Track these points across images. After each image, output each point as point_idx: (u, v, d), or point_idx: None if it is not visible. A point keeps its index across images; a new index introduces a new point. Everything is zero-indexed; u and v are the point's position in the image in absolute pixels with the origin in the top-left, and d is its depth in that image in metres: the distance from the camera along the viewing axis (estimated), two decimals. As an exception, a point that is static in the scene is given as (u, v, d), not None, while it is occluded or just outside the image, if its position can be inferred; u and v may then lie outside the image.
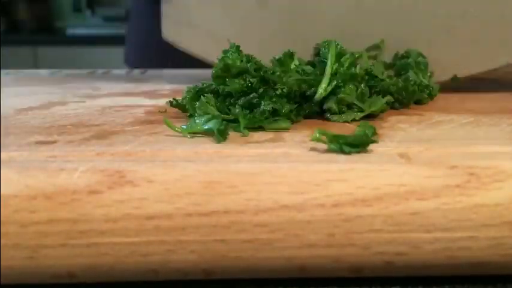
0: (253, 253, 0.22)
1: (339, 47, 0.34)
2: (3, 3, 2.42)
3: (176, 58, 0.52)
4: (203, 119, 0.29)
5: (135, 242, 0.22)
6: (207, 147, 0.26)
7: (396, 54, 0.40)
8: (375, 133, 0.27)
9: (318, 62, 0.35)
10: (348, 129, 0.30)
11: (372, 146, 0.26)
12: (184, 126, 0.29)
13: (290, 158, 0.24)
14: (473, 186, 0.23)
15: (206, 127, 0.28)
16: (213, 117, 0.29)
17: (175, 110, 0.34)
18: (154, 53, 0.70)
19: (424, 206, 0.22)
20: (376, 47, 0.40)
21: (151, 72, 0.58)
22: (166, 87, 0.47)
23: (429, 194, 0.22)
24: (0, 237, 0.22)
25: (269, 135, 0.28)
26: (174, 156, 0.25)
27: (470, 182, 0.23)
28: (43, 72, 0.59)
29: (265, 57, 0.34)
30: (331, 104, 0.32)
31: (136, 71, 0.59)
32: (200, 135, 0.28)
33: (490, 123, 0.31)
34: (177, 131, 0.29)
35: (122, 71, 0.59)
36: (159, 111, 0.34)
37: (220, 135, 0.27)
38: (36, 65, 2.28)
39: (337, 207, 0.22)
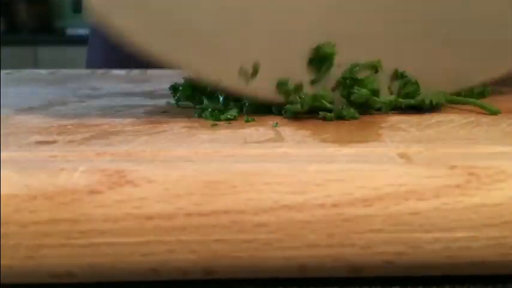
0: (253, 253, 0.22)
1: None
2: (3, 3, 2.42)
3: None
4: None
5: (135, 242, 0.22)
6: (207, 147, 0.26)
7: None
8: None
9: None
10: (344, 127, 0.30)
11: (372, 146, 0.26)
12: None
13: (290, 158, 0.24)
14: (474, 187, 0.23)
15: None
16: None
17: (177, 110, 0.34)
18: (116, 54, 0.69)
19: (424, 206, 0.22)
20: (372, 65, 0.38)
21: (151, 72, 0.58)
22: (166, 87, 0.47)
23: (429, 194, 0.22)
24: (0, 237, 0.22)
25: (269, 135, 0.28)
26: (174, 156, 0.25)
27: (470, 182, 0.23)
28: (43, 72, 0.59)
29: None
30: None
31: (136, 71, 0.59)
32: (201, 134, 0.28)
33: (490, 123, 0.31)
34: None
35: (122, 71, 0.59)
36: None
37: None
38: (36, 65, 2.28)
39: (337, 207, 0.22)
